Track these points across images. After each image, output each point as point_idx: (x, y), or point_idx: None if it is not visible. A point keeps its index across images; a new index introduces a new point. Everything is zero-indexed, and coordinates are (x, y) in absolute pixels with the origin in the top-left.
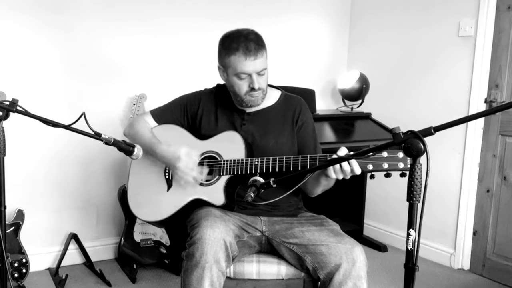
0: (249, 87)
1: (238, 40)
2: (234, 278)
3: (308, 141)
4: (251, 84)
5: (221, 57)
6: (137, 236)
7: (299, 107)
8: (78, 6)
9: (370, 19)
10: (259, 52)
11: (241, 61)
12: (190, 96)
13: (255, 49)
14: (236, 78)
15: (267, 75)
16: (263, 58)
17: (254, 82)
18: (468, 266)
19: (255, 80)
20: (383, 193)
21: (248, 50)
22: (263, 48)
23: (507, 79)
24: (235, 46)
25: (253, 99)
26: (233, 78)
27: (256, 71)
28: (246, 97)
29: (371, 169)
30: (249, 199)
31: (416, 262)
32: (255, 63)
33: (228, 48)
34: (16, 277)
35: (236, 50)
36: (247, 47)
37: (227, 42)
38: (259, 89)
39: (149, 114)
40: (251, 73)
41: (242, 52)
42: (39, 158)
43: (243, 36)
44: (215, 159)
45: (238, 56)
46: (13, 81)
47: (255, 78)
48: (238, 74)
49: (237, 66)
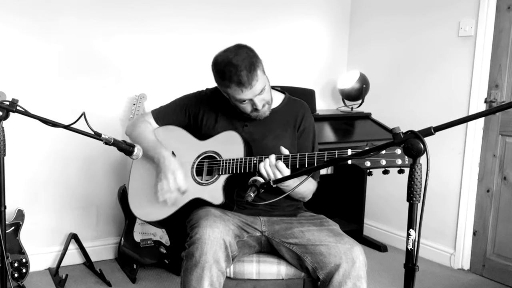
0: (253, 107)
1: (230, 72)
2: (234, 278)
3: (307, 146)
4: (254, 106)
5: (217, 83)
6: (137, 236)
7: (302, 112)
8: (78, 7)
9: (370, 19)
10: (253, 79)
11: (238, 92)
12: (192, 96)
13: (248, 79)
14: (238, 102)
15: (268, 88)
16: (259, 80)
17: (256, 104)
18: (468, 266)
19: (257, 102)
20: (383, 193)
21: (241, 83)
22: (256, 70)
23: (507, 79)
24: (228, 80)
25: (260, 114)
26: (235, 102)
27: (255, 95)
28: (253, 114)
29: (369, 165)
30: (249, 199)
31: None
32: (253, 91)
33: (222, 80)
34: (16, 277)
35: (229, 85)
36: (240, 80)
37: (219, 72)
38: (263, 106)
39: (150, 115)
40: (251, 98)
41: (236, 85)
42: (39, 158)
43: (233, 66)
44: (215, 159)
45: (234, 89)
46: (13, 81)
47: (256, 100)
48: (238, 101)
49: (235, 96)
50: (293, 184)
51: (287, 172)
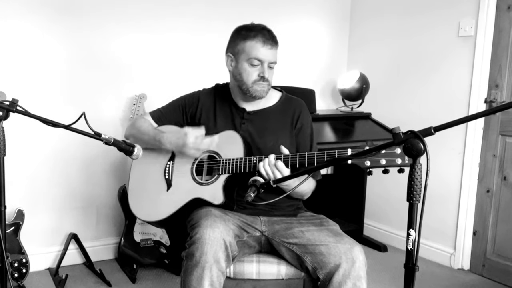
0: (259, 75)
1: (256, 29)
2: (234, 278)
3: (305, 144)
4: (262, 73)
5: (234, 44)
6: (137, 236)
7: (299, 109)
8: (78, 7)
9: (370, 19)
10: (274, 44)
11: (258, 47)
12: (189, 97)
13: (272, 40)
14: (247, 64)
15: (274, 72)
16: (276, 51)
17: (265, 70)
18: (468, 266)
19: (266, 69)
20: (383, 193)
21: (266, 38)
22: (277, 44)
23: (507, 79)
24: (254, 33)
25: (259, 89)
26: (244, 65)
27: (269, 60)
28: (253, 86)
29: (369, 165)
30: (249, 199)
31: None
32: (270, 53)
33: (246, 35)
34: (16, 277)
35: (254, 37)
36: (265, 35)
37: (244, 30)
38: (267, 80)
39: (148, 116)
40: (264, 61)
41: (261, 38)
42: (39, 158)
43: (261, 26)
44: (214, 159)
45: (256, 42)
46: (13, 81)
47: (266, 67)
48: (251, 60)
49: (252, 51)
50: (293, 184)
51: (286, 171)
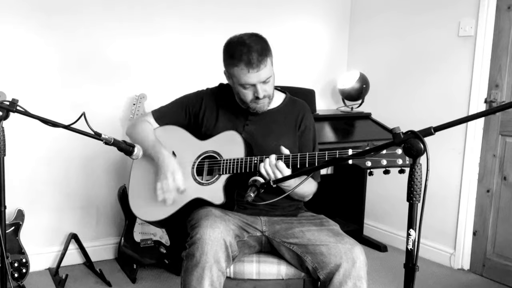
0: (254, 95)
1: (240, 51)
2: (234, 278)
3: (308, 145)
4: (256, 94)
5: (225, 64)
6: (137, 236)
7: (302, 112)
8: (78, 7)
9: (370, 19)
10: (262, 63)
11: (244, 73)
12: (192, 96)
13: (257, 61)
14: (240, 87)
15: (272, 81)
16: (266, 67)
17: (259, 92)
18: (468, 266)
19: (259, 90)
20: (383, 193)
21: (250, 63)
22: (267, 56)
23: (507, 79)
24: (238, 59)
25: (259, 105)
26: (238, 87)
27: (260, 81)
28: (252, 104)
29: (370, 165)
30: (249, 199)
31: (416, 262)
32: (259, 74)
33: (231, 58)
34: (16, 277)
35: (238, 63)
36: (250, 60)
37: (230, 51)
38: (264, 97)
39: (150, 115)
40: (255, 83)
41: (244, 64)
42: (39, 158)
43: (246, 46)
44: (215, 159)
45: (241, 68)
46: (13, 81)
47: (259, 88)
48: (242, 85)
49: (240, 78)
50: (293, 184)
51: (287, 172)
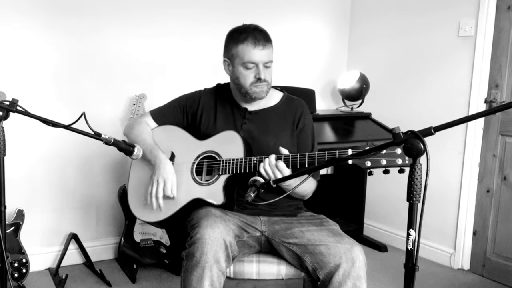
0: (255, 77)
1: (246, 31)
2: (234, 278)
3: (307, 144)
4: (257, 75)
5: (228, 48)
6: (137, 236)
7: (300, 110)
8: (78, 7)
9: (370, 19)
10: (267, 43)
11: (250, 50)
12: (190, 96)
13: (263, 40)
14: (242, 68)
15: (272, 70)
16: (270, 50)
17: (261, 72)
18: (468, 266)
19: (261, 70)
20: (383, 193)
21: (256, 40)
22: (270, 41)
23: (507, 79)
24: (244, 36)
25: (258, 90)
26: (239, 68)
27: (263, 61)
28: (251, 88)
29: (369, 165)
30: (249, 199)
31: (416, 262)
32: (263, 53)
33: (237, 38)
34: (16, 277)
35: (244, 40)
36: (256, 36)
37: (235, 33)
38: (264, 81)
39: (149, 115)
40: (258, 62)
41: (251, 41)
42: (39, 158)
43: (252, 27)
44: (214, 159)
45: (247, 45)
46: (13, 81)
47: (261, 68)
48: (245, 64)
49: (245, 55)
50: (293, 184)
51: (287, 172)
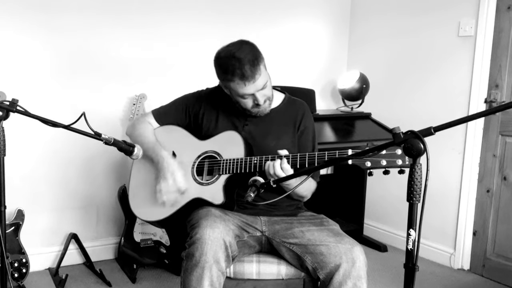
0: (254, 102)
1: (233, 66)
2: (234, 278)
3: (307, 145)
4: (256, 101)
5: (219, 78)
6: (137, 236)
7: (301, 112)
8: (79, 8)
9: (370, 19)
10: (256, 73)
11: (241, 87)
12: (192, 96)
13: (251, 72)
14: (239, 98)
15: (270, 84)
16: (261, 75)
17: (258, 99)
18: (468, 266)
19: (259, 97)
20: (383, 193)
21: (245, 77)
22: (259, 64)
23: (507, 79)
24: (231, 73)
25: (261, 109)
26: (237, 98)
27: (257, 90)
28: (253, 109)
29: (369, 166)
30: (249, 199)
31: (416, 262)
32: (255, 85)
33: (225, 74)
34: (16, 277)
35: (232, 78)
36: (243, 74)
37: (222, 67)
38: (264, 102)
39: (150, 115)
40: (253, 93)
41: (239, 79)
42: (39, 158)
43: (236, 60)
44: (215, 159)
45: (237, 83)
46: (13, 81)
47: (258, 95)
48: (241, 96)
49: (238, 91)
50: (294, 183)
51: (290, 172)
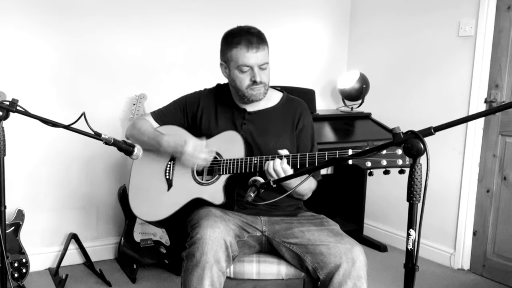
0: (251, 80)
1: (240, 34)
2: (234, 278)
3: (306, 144)
4: (253, 77)
5: (223, 52)
6: (137, 236)
7: (300, 110)
8: (78, 7)
9: (370, 19)
10: (260, 45)
11: (243, 53)
12: (190, 96)
13: (257, 42)
14: (238, 71)
15: (268, 71)
16: (264, 51)
17: (256, 75)
18: (468, 266)
19: (256, 73)
20: (383, 193)
21: (250, 43)
22: (265, 42)
23: (507, 79)
24: (237, 40)
25: (255, 93)
26: (235, 72)
27: (257, 63)
28: (248, 91)
29: (370, 166)
30: (249, 199)
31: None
32: (257, 56)
33: (231, 42)
34: (16, 277)
35: (238, 43)
36: (249, 39)
37: (229, 37)
38: (261, 83)
39: (149, 116)
40: (252, 65)
41: (244, 44)
42: (39, 158)
43: (245, 30)
44: (215, 159)
45: (240, 48)
46: (13, 81)
47: (256, 71)
48: (240, 67)
49: (238, 59)
50: (294, 183)
51: (290, 172)
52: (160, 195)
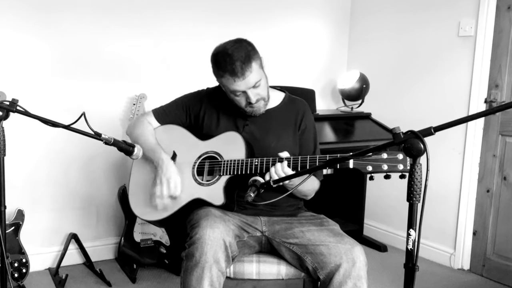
0: (247, 101)
1: (224, 61)
2: (234, 278)
3: (309, 144)
4: (248, 99)
5: (214, 74)
6: (137, 236)
7: (302, 111)
8: (79, 7)
9: (370, 19)
10: (246, 70)
11: (231, 82)
12: (192, 96)
13: (241, 69)
14: (232, 95)
15: (264, 83)
16: (253, 72)
17: (250, 97)
18: (468, 266)
19: (250, 95)
20: (383, 193)
21: (234, 73)
22: (251, 62)
23: (507, 79)
24: (223, 69)
25: (254, 109)
26: (230, 95)
27: (248, 87)
28: (247, 108)
29: (370, 170)
30: (249, 199)
31: (416, 262)
32: (246, 82)
33: (217, 70)
34: (16, 277)
35: (224, 73)
36: (233, 69)
37: (215, 62)
38: (258, 101)
39: (151, 114)
40: (244, 90)
41: (229, 74)
42: (39, 158)
43: (228, 56)
44: (216, 160)
45: (227, 78)
46: (13, 81)
47: (250, 93)
48: (233, 92)
49: (229, 87)
50: (296, 182)
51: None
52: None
